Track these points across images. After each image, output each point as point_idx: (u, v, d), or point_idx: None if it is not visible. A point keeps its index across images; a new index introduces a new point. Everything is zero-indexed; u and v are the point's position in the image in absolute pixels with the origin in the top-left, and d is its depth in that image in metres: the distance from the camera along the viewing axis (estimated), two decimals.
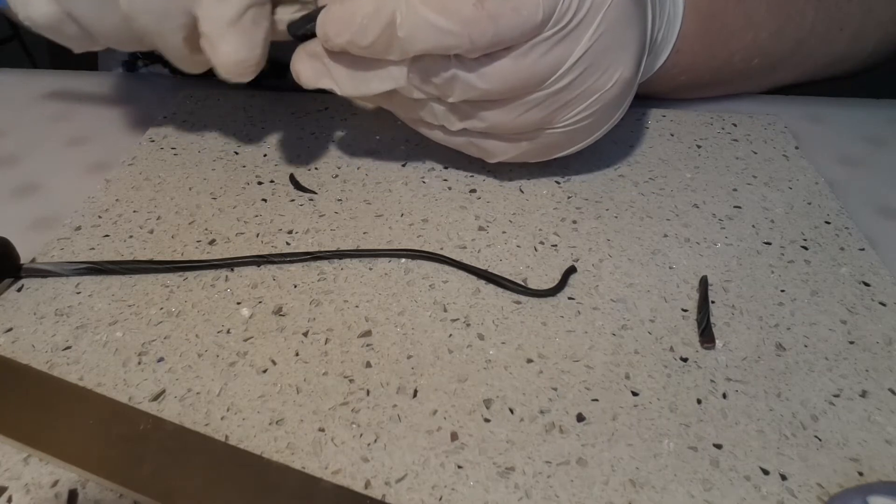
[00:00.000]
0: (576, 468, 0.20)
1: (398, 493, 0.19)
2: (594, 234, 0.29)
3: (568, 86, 0.26)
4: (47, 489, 0.19)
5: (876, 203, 0.32)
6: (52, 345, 0.23)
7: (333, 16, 0.24)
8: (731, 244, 0.29)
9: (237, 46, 0.25)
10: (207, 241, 0.28)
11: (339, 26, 0.24)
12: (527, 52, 0.24)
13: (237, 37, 0.25)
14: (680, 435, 0.21)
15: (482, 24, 0.23)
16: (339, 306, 0.25)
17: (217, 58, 0.26)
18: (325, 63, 0.26)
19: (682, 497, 0.19)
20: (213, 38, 0.25)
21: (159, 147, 0.35)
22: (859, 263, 0.28)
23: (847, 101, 0.41)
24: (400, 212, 0.30)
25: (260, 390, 0.22)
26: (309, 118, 0.37)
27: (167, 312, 0.25)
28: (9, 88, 0.40)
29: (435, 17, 0.23)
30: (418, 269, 0.27)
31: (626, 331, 0.25)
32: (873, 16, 0.37)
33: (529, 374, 0.23)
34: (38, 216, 0.30)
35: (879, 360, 0.24)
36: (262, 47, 0.26)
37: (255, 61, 0.26)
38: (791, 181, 0.33)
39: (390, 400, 0.22)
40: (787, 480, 0.20)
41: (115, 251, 0.28)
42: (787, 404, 0.22)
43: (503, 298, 0.26)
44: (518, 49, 0.24)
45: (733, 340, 0.24)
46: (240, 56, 0.26)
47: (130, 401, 0.22)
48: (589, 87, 0.26)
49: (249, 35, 0.26)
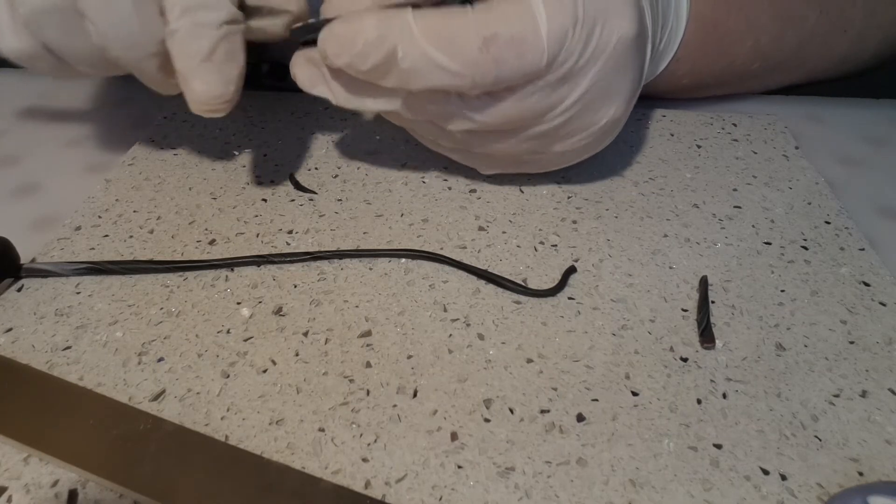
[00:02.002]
0: (576, 468, 0.20)
1: (398, 493, 0.19)
2: (594, 234, 0.29)
3: (563, 123, 0.26)
4: (47, 489, 0.19)
5: (876, 203, 0.32)
6: (52, 345, 0.23)
7: (335, 35, 0.24)
8: (731, 244, 0.29)
9: (210, 83, 0.25)
10: (207, 241, 0.28)
11: (340, 47, 0.24)
12: (527, 93, 0.24)
13: (210, 73, 0.25)
14: (680, 435, 0.21)
15: (486, 67, 0.23)
16: (339, 306, 0.25)
17: (190, 94, 0.25)
18: (322, 71, 0.26)
19: (682, 497, 0.19)
20: (186, 74, 0.25)
21: (159, 147, 0.35)
22: (859, 263, 0.28)
23: (847, 101, 0.41)
24: (400, 212, 0.30)
25: (260, 390, 0.22)
26: (309, 118, 0.37)
27: (167, 312, 0.25)
28: (9, 88, 0.40)
29: (439, 56, 0.23)
30: (418, 269, 0.27)
31: (626, 331, 0.25)
32: (875, 18, 0.37)
33: (529, 374, 0.23)
34: (38, 216, 0.30)
35: (879, 360, 0.24)
36: (237, 83, 0.26)
37: (229, 97, 0.25)
38: (791, 181, 0.33)
39: (390, 400, 0.22)
40: (787, 480, 0.20)
41: (115, 251, 0.28)
42: (787, 404, 0.22)
43: (503, 298, 0.26)
44: (519, 90, 0.24)
45: (733, 340, 0.24)
46: (213, 92, 0.25)
47: (130, 401, 0.22)
48: (582, 124, 0.26)
49: (223, 71, 0.25)
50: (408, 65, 0.23)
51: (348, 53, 0.23)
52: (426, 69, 0.23)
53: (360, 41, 0.23)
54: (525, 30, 0.23)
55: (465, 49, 0.23)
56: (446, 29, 0.23)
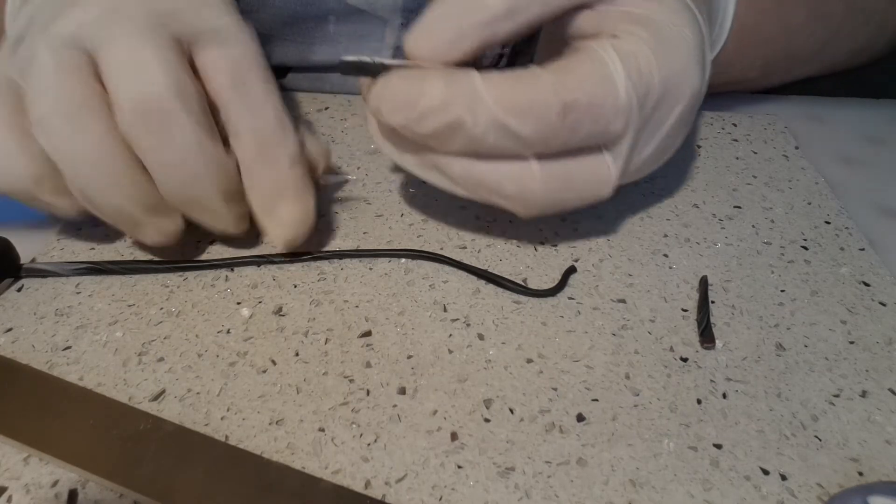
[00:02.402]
0: (576, 468, 0.20)
1: (398, 493, 0.19)
2: (594, 234, 0.29)
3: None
4: (47, 489, 0.19)
5: (876, 203, 0.32)
6: (52, 345, 0.23)
7: (392, 94, 0.22)
8: (731, 244, 0.29)
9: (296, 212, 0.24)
10: (207, 241, 0.28)
11: (396, 107, 0.22)
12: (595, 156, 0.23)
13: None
14: (680, 435, 0.21)
15: (562, 134, 0.21)
16: (339, 306, 0.25)
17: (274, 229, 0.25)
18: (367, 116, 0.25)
19: (682, 497, 0.19)
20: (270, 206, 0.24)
21: None
22: (859, 263, 0.28)
23: (847, 101, 0.41)
24: (400, 212, 0.30)
25: (260, 390, 0.22)
26: (309, 118, 0.37)
27: (167, 312, 0.25)
28: None
29: (512, 123, 0.21)
30: (418, 269, 0.27)
31: (626, 331, 0.25)
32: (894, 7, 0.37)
33: (529, 374, 0.23)
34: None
35: (879, 360, 0.24)
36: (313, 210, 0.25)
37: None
38: (791, 181, 0.33)
39: (390, 400, 0.22)
40: (787, 480, 0.20)
41: (115, 251, 0.28)
42: (787, 404, 0.22)
43: (503, 298, 0.26)
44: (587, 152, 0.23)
45: (733, 340, 0.24)
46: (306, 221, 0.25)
47: (130, 401, 0.22)
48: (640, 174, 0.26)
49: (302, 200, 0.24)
50: (476, 132, 0.21)
51: (404, 115, 0.22)
52: (496, 136, 0.21)
53: (422, 104, 0.21)
54: (604, 95, 0.21)
55: (543, 117, 0.21)
56: (522, 95, 0.21)
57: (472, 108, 0.21)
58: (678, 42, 0.23)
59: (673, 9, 0.23)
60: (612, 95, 0.21)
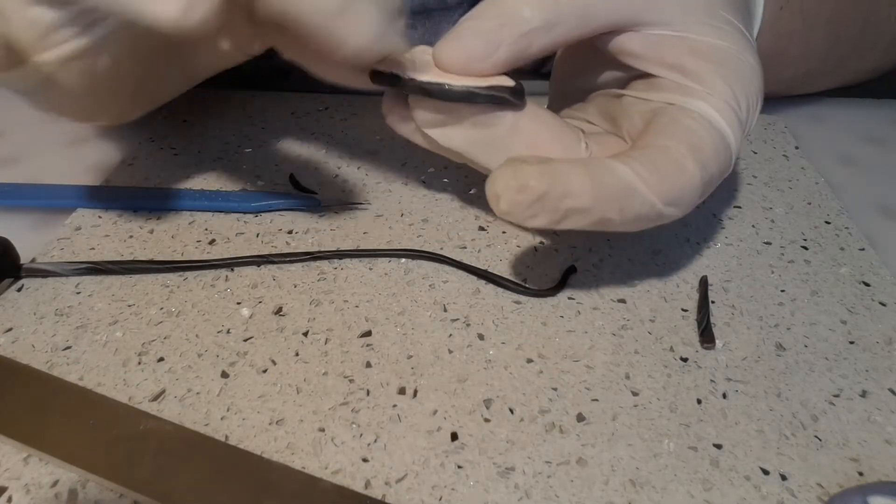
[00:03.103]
0: (576, 468, 0.20)
1: (398, 493, 0.19)
2: (594, 234, 0.29)
3: None
4: (47, 489, 0.19)
5: (876, 203, 0.32)
6: (52, 345, 0.23)
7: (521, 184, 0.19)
8: (731, 244, 0.29)
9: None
10: (207, 241, 0.28)
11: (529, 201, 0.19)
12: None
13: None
14: (680, 435, 0.21)
15: (703, 190, 0.21)
16: (339, 306, 0.25)
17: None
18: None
19: (682, 497, 0.19)
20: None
21: (159, 147, 0.35)
22: (859, 263, 0.28)
23: (847, 101, 0.41)
24: (400, 212, 0.30)
25: (260, 390, 0.22)
26: (309, 118, 0.37)
27: (167, 312, 0.25)
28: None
29: (669, 211, 0.21)
30: (418, 269, 0.27)
31: (626, 331, 0.25)
32: None
33: (529, 374, 0.23)
34: (38, 216, 0.30)
35: (879, 360, 0.24)
36: None
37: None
38: (791, 181, 0.33)
39: (390, 400, 0.22)
40: (787, 480, 0.20)
41: (115, 251, 0.28)
42: (787, 404, 0.22)
43: (503, 298, 0.26)
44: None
45: (733, 340, 0.24)
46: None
47: (130, 401, 0.22)
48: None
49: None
50: (617, 221, 0.21)
51: (549, 217, 0.20)
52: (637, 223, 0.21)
53: (566, 204, 0.20)
54: (727, 160, 0.22)
55: (692, 201, 0.21)
56: (674, 186, 0.20)
57: (622, 207, 0.20)
58: (748, 72, 0.22)
59: (728, 32, 0.23)
60: (730, 155, 0.22)
